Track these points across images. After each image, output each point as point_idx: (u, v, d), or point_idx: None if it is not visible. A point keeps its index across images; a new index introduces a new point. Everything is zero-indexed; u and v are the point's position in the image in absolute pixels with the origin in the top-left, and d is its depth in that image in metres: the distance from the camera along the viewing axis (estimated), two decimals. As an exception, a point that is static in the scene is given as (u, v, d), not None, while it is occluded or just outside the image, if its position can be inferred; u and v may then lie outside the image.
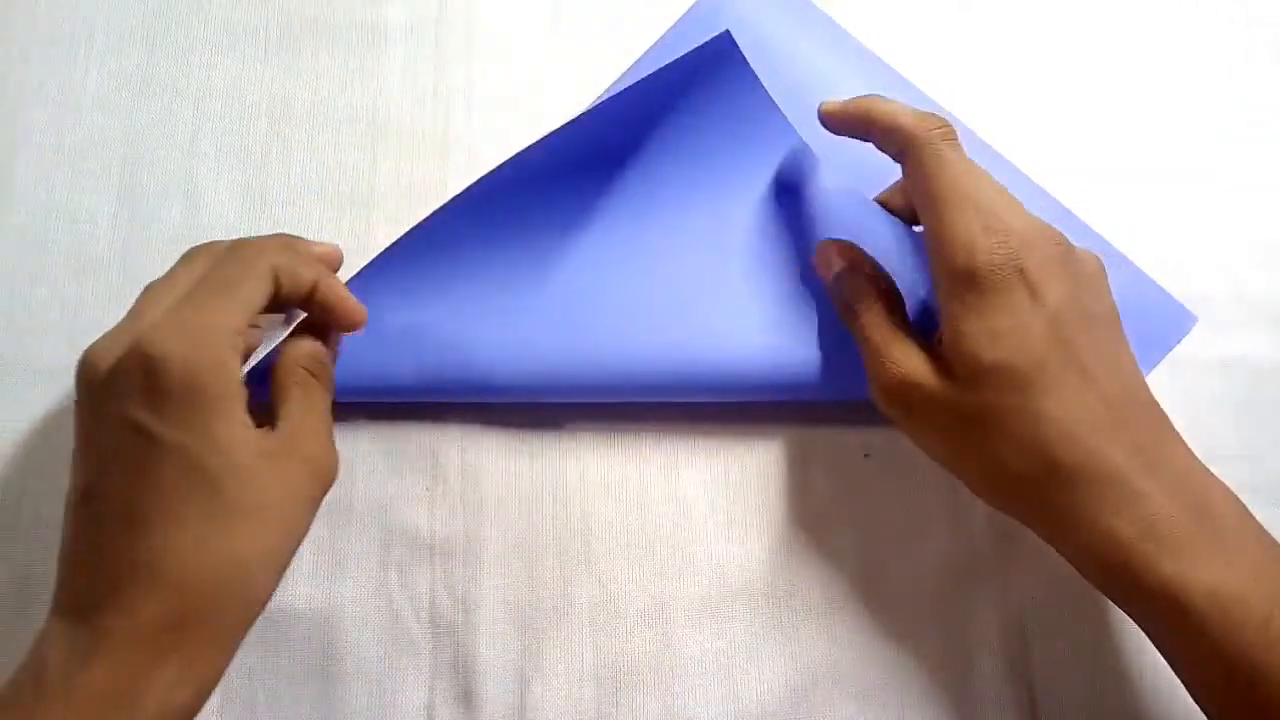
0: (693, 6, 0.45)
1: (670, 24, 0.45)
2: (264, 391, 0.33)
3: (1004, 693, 0.37)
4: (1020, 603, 0.38)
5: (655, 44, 0.44)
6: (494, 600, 0.38)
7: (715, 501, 0.39)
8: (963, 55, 0.46)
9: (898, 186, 0.39)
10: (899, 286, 0.37)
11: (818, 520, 0.39)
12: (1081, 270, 0.33)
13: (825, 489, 0.40)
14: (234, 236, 0.41)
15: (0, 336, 0.40)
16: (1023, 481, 0.32)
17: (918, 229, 0.39)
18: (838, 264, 0.37)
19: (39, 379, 0.39)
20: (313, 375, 0.34)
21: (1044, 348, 0.31)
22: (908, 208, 0.39)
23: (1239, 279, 0.43)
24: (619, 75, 0.44)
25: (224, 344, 0.31)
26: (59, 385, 0.39)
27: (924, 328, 0.36)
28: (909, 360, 0.33)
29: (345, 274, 0.41)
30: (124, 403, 0.30)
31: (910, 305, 0.37)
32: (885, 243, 0.38)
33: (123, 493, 0.30)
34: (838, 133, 0.38)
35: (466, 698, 0.37)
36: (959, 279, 0.32)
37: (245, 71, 0.44)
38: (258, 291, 0.32)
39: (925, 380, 0.33)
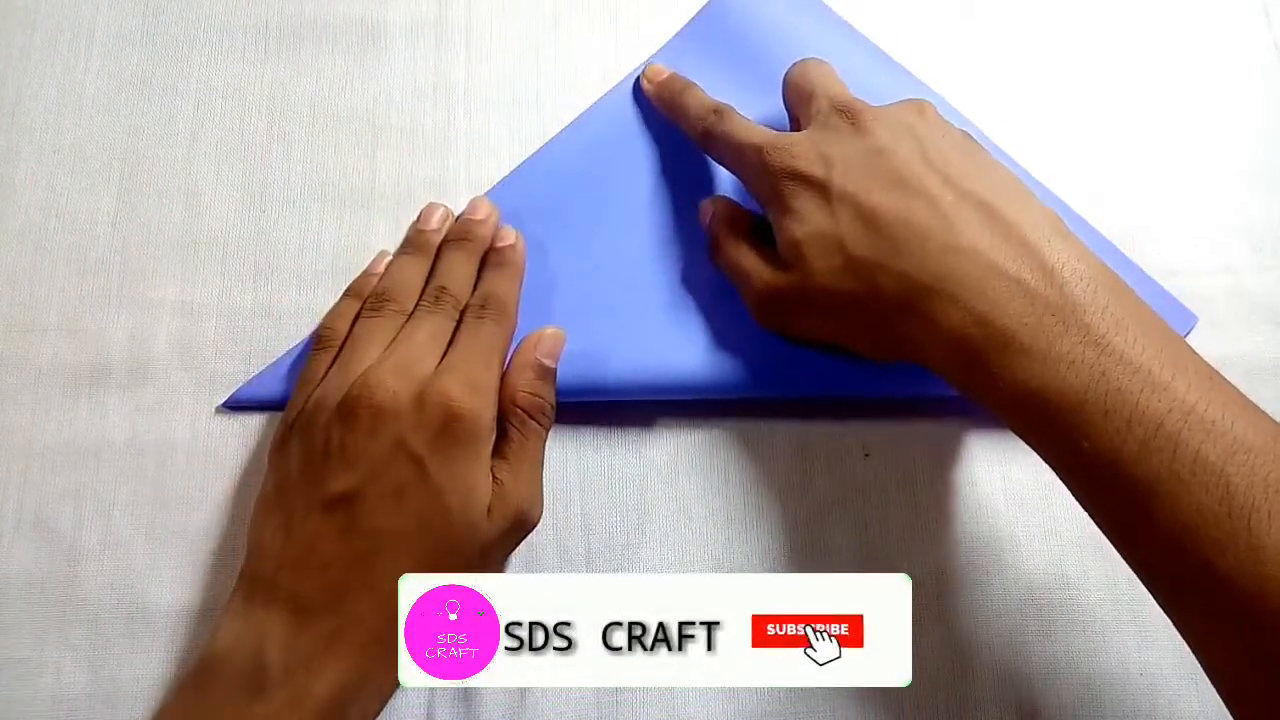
0: (705, 6, 0.45)
1: (669, 25, 0.45)
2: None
3: (1003, 692, 0.37)
4: (1020, 602, 0.38)
5: (664, 46, 0.44)
6: (494, 600, 0.38)
7: (715, 502, 0.39)
8: (967, 60, 0.46)
9: None
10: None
11: (818, 520, 0.39)
12: (852, 124, 0.35)
13: (825, 489, 0.39)
14: (235, 236, 0.41)
15: (0, 336, 0.40)
16: (895, 334, 0.33)
17: None
18: (708, 212, 0.40)
19: (39, 379, 0.39)
20: (528, 415, 0.36)
21: (835, 207, 0.34)
22: None
23: (1239, 279, 0.43)
24: (618, 75, 0.44)
25: (495, 401, 0.35)
26: (59, 385, 0.39)
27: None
28: (767, 271, 0.36)
29: (348, 275, 0.41)
30: (412, 434, 0.33)
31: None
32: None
33: (378, 509, 0.32)
34: (652, 99, 0.43)
35: (466, 698, 0.37)
36: (764, 200, 0.37)
37: (245, 71, 0.44)
38: (508, 348, 0.37)
39: (784, 281, 0.35)
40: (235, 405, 0.39)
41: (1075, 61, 0.46)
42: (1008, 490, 0.40)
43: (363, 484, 0.32)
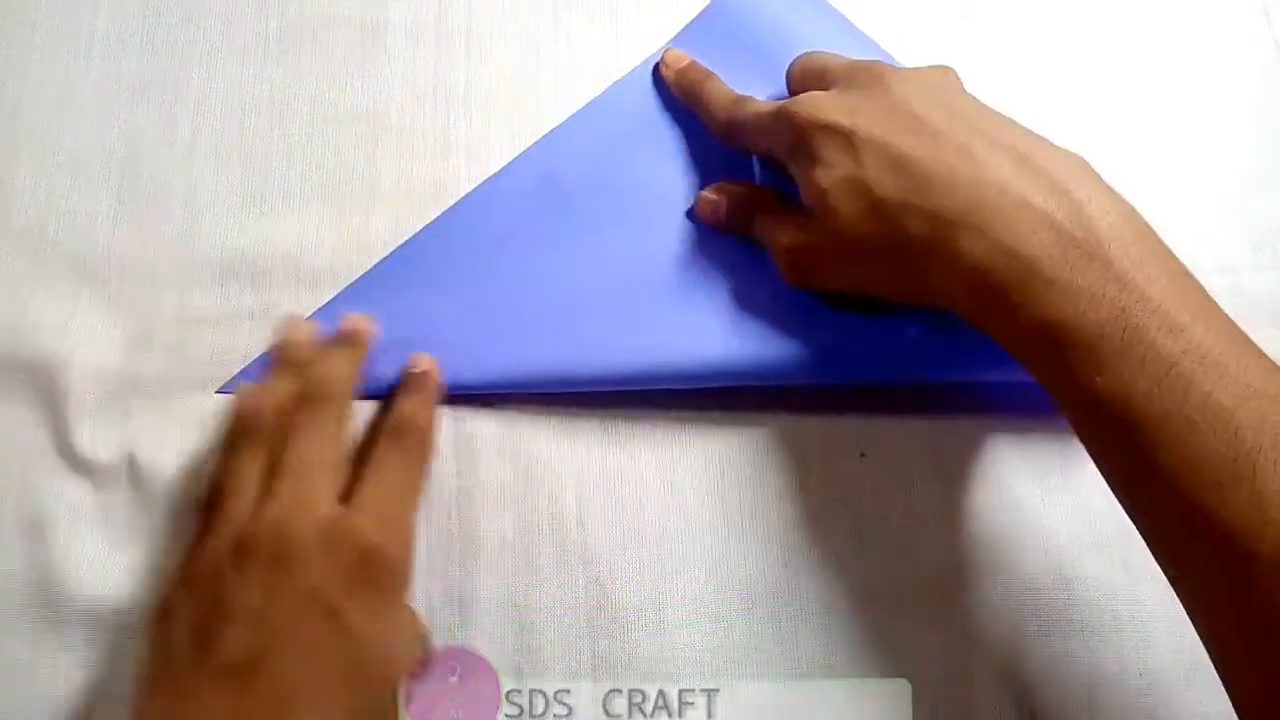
0: (707, 6, 0.45)
1: (669, 25, 0.45)
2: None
3: (1003, 693, 0.37)
4: (1020, 602, 0.38)
5: (665, 46, 0.44)
6: (490, 600, 0.38)
7: (712, 502, 0.39)
8: (967, 60, 0.45)
9: None
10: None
11: (814, 520, 0.39)
12: (874, 81, 0.36)
13: (821, 489, 0.39)
14: (234, 237, 0.41)
15: (0, 336, 0.40)
16: (918, 275, 0.34)
17: None
18: (714, 199, 0.40)
19: (38, 379, 0.39)
20: None
21: (861, 153, 0.34)
22: None
23: (1239, 278, 0.43)
24: (618, 75, 0.44)
25: (414, 536, 0.34)
26: (58, 385, 0.39)
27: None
28: (794, 228, 0.37)
29: (348, 277, 0.41)
30: (321, 582, 0.30)
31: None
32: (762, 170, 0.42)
33: (290, 669, 0.29)
34: (671, 87, 0.43)
35: (466, 697, 0.37)
36: (789, 157, 0.37)
37: (245, 72, 0.44)
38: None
39: (811, 235, 0.36)
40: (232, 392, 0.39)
41: (1075, 61, 0.46)
42: (1007, 490, 0.40)
43: (272, 644, 0.29)
